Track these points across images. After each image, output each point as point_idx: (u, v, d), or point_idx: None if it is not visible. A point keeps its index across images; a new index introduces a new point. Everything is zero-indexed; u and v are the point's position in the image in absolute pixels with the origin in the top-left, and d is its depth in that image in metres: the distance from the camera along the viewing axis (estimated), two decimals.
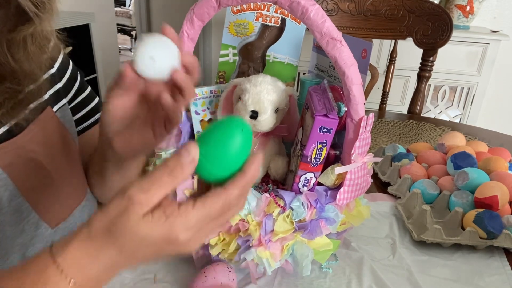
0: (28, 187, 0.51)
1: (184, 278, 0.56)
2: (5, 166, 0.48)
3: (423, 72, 1.32)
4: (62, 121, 0.57)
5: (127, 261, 0.33)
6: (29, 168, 0.51)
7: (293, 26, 0.66)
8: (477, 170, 0.72)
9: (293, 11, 0.45)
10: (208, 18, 0.50)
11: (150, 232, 0.31)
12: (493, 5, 2.29)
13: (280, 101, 0.56)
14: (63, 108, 0.58)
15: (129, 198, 0.31)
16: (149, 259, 0.34)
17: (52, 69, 0.56)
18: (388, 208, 0.74)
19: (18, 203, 0.50)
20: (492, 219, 0.62)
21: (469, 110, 2.21)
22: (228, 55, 0.68)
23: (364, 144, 0.49)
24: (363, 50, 0.55)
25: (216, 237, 0.51)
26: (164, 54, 0.37)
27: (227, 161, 0.32)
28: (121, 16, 5.10)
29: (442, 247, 0.64)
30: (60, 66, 0.60)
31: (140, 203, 0.31)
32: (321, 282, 0.56)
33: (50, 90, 0.56)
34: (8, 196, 0.49)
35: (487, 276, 0.59)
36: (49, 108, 0.55)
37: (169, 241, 0.32)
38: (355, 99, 0.46)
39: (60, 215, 0.56)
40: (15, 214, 0.50)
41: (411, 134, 1.12)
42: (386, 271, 0.58)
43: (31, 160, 0.51)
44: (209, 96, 0.63)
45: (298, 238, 0.51)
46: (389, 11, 1.27)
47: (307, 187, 0.51)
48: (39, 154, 0.52)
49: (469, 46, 2.06)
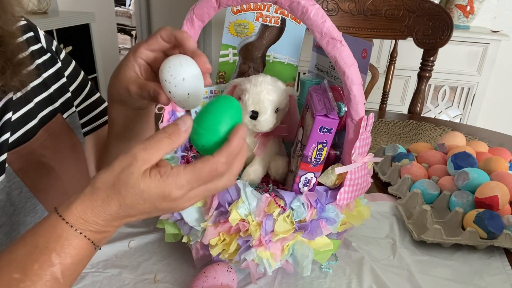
0: (40, 189, 0.54)
1: (184, 279, 0.56)
2: (18, 170, 0.51)
3: (423, 72, 1.32)
4: (72, 127, 0.61)
5: (127, 214, 0.37)
6: (40, 172, 0.54)
7: (293, 26, 0.66)
8: (478, 170, 0.72)
9: (293, 11, 0.45)
10: (208, 18, 0.50)
11: (147, 187, 0.35)
12: (493, 5, 2.29)
13: (280, 101, 0.56)
14: (72, 115, 0.61)
15: (133, 155, 0.35)
16: (147, 214, 0.38)
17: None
18: (388, 208, 0.74)
19: (32, 203, 0.53)
20: (492, 219, 0.62)
21: (469, 110, 2.21)
22: (228, 55, 0.68)
23: (364, 144, 0.49)
24: (363, 50, 0.55)
25: (217, 237, 0.51)
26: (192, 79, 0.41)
27: (216, 127, 0.37)
28: (121, 16, 5.10)
29: (442, 247, 0.64)
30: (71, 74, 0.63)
31: (143, 159, 0.35)
32: (321, 282, 0.56)
33: (61, 98, 0.60)
34: (23, 197, 0.52)
35: (487, 276, 0.59)
36: (59, 115, 0.58)
37: (164, 197, 0.36)
38: (355, 99, 0.46)
39: None
40: (31, 214, 0.53)
41: (411, 134, 1.12)
42: (386, 271, 0.58)
43: (42, 164, 0.54)
44: (209, 96, 0.63)
45: (298, 238, 0.51)
46: (390, 11, 1.26)
47: (308, 187, 0.51)
48: (49, 159, 0.55)
49: (469, 46, 2.06)
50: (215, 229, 0.50)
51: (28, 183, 0.52)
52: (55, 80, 0.59)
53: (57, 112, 0.58)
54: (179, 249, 0.61)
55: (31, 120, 0.53)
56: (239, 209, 0.49)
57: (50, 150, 0.55)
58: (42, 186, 0.54)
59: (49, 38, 0.60)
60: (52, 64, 0.59)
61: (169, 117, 0.58)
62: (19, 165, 0.51)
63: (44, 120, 0.55)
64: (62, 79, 0.60)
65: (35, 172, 0.53)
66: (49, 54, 0.59)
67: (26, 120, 0.52)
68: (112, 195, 0.35)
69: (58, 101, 0.59)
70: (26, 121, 0.53)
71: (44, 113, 0.56)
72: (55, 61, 0.60)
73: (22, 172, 0.51)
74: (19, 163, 0.51)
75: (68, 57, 0.64)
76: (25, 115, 0.52)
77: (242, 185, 0.49)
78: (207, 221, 0.50)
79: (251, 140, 0.59)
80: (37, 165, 0.54)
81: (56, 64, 0.60)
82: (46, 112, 0.56)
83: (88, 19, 2.59)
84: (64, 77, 0.61)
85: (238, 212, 0.49)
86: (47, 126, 0.55)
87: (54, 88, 0.58)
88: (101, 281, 0.55)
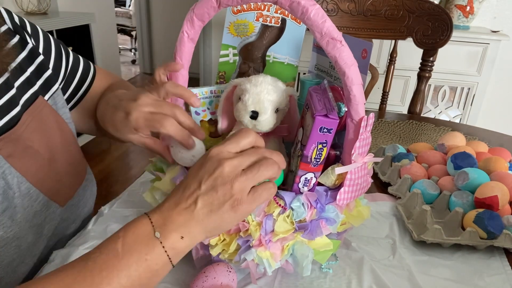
0: (31, 173, 0.54)
1: (184, 279, 0.56)
2: (7, 156, 0.51)
3: (423, 72, 1.32)
4: (55, 108, 0.61)
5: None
6: (28, 156, 0.54)
7: (293, 26, 0.66)
8: (477, 170, 0.72)
9: (293, 11, 0.45)
10: (208, 18, 0.50)
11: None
12: (493, 5, 2.30)
13: (281, 101, 0.56)
14: (53, 96, 0.61)
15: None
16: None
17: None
18: (388, 208, 0.74)
19: (27, 187, 0.54)
20: (492, 219, 0.62)
21: (469, 110, 2.21)
22: (228, 55, 0.68)
23: (364, 144, 0.49)
24: (363, 50, 0.55)
25: (217, 237, 0.51)
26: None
27: None
28: (121, 16, 5.10)
29: (442, 247, 0.64)
30: (44, 51, 0.62)
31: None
32: (321, 282, 0.56)
33: (39, 80, 0.59)
34: (16, 182, 0.52)
35: (487, 276, 0.59)
36: (40, 97, 0.58)
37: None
38: (355, 99, 0.46)
39: (66, 194, 0.62)
40: (26, 197, 0.54)
41: (411, 134, 1.12)
42: (386, 271, 0.58)
43: (29, 148, 0.54)
44: (209, 97, 0.63)
45: (298, 238, 0.51)
46: (389, 11, 1.27)
47: (307, 187, 0.51)
48: (36, 142, 0.55)
49: (469, 46, 2.06)
50: None
51: (18, 168, 0.52)
52: (30, 63, 0.58)
53: (37, 95, 0.58)
54: None
55: (15, 106, 0.53)
56: None
57: (36, 134, 0.56)
58: (33, 169, 0.55)
59: (11, 16, 0.59)
60: (23, 46, 0.58)
61: None
62: (7, 152, 0.51)
63: (26, 104, 0.56)
64: (38, 58, 0.60)
65: (23, 157, 0.53)
66: (18, 36, 0.58)
67: (9, 106, 0.53)
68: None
69: (36, 84, 0.58)
70: (10, 108, 0.53)
71: (25, 97, 0.56)
72: (25, 42, 0.59)
73: (12, 158, 0.52)
74: (7, 149, 0.51)
75: (35, 28, 0.62)
76: (9, 101, 0.53)
77: None
78: None
79: None
80: (25, 149, 0.54)
81: (27, 45, 0.59)
82: (27, 96, 0.56)
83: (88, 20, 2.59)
84: (40, 55, 0.60)
85: None
86: (30, 109, 0.56)
87: (30, 71, 0.58)
88: None
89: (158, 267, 0.39)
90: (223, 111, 0.61)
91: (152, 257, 0.39)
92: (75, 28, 2.45)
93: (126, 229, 0.40)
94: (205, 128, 0.64)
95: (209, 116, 0.64)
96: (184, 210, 0.40)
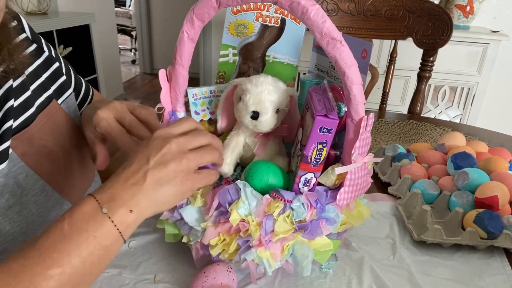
0: (45, 172, 0.57)
1: (184, 279, 0.56)
2: (21, 154, 0.53)
3: (423, 72, 1.32)
4: (67, 111, 0.63)
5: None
6: (42, 155, 0.57)
7: (293, 26, 0.66)
8: (477, 170, 0.72)
9: (293, 11, 0.45)
10: (208, 18, 0.50)
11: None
12: (493, 5, 2.30)
13: (281, 102, 0.56)
14: (66, 101, 0.64)
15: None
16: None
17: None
18: (388, 208, 0.74)
19: (41, 185, 0.56)
20: (492, 219, 0.62)
21: (469, 110, 2.21)
22: (228, 55, 0.68)
23: (364, 144, 0.49)
24: (363, 50, 0.55)
25: (217, 237, 0.51)
26: None
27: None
28: (121, 16, 5.10)
29: (442, 247, 0.64)
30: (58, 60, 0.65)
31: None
32: (321, 282, 0.56)
33: (54, 85, 0.62)
34: (31, 180, 0.54)
35: (487, 276, 0.59)
36: (54, 101, 0.61)
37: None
38: (355, 99, 0.46)
39: (77, 193, 0.64)
40: (41, 194, 0.56)
41: (411, 134, 1.12)
42: (386, 271, 0.58)
43: (43, 147, 0.57)
44: (209, 96, 0.63)
45: (298, 238, 0.51)
46: (389, 11, 1.27)
47: (307, 187, 0.51)
48: (49, 142, 0.58)
49: (469, 46, 2.06)
50: (215, 229, 0.51)
51: (32, 166, 0.54)
52: (45, 69, 0.61)
53: (52, 98, 0.60)
54: (179, 249, 0.61)
55: (30, 107, 0.55)
56: (239, 209, 0.49)
57: (49, 134, 0.58)
58: (46, 168, 0.57)
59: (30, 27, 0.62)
60: (39, 54, 0.61)
61: (169, 117, 0.59)
62: (22, 150, 0.53)
63: (41, 106, 0.58)
64: (53, 66, 0.63)
65: (37, 155, 0.56)
66: (35, 45, 0.61)
67: (25, 107, 0.55)
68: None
69: (51, 88, 0.61)
70: (26, 108, 0.55)
71: (40, 100, 0.58)
72: (41, 50, 0.62)
73: (26, 156, 0.54)
74: (22, 148, 0.53)
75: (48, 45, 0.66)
76: (24, 102, 0.55)
77: (242, 185, 0.49)
78: (207, 221, 0.50)
79: (252, 140, 0.59)
80: (39, 148, 0.56)
81: (43, 53, 0.62)
82: (42, 99, 0.59)
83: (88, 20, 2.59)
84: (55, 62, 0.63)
85: (238, 212, 0.49)
86: (44, 111, 0.58)
87: (45, 77, 0.60)
88: (101, 281, 0.55)
89: (108, 242, 0.40)
90: (223, 111, 0.61)
91: (101, 233, 0.39)
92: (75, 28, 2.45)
93: (71, 210, 0.40)
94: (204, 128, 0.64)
95: (208, 116, 0.64)
96: (133, 185, 0.42)
